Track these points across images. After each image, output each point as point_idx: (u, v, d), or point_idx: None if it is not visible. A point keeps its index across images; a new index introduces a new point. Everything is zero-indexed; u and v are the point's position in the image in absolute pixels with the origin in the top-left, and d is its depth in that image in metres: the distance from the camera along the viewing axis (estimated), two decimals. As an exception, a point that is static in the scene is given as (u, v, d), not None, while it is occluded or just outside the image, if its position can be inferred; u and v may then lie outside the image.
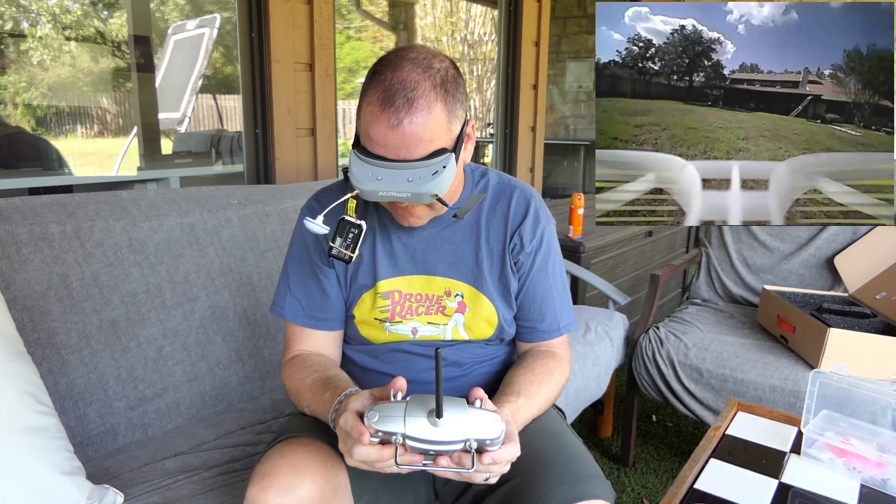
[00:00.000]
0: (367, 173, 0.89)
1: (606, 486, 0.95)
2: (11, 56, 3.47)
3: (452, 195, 1.05)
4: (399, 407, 0.78)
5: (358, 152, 0.90)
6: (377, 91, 0.88)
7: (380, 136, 0.87)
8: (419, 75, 0.88)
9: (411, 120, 0.86)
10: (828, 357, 1.67)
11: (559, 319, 1.13)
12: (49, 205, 1.36)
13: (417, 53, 0.91)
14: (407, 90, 0.86)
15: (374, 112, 0.87)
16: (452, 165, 0.90)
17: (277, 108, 2.11)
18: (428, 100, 0.87)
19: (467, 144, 0.99)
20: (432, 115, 0.87)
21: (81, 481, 1.03)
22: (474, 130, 0.99)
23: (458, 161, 0.94)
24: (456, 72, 0.93)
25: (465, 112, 0.95)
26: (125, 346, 1.37)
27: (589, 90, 6.54)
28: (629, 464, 2.10)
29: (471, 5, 7.85)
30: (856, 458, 1.14)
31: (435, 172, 0.88)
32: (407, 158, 0.88)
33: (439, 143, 0.89)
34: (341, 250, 0.99)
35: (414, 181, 0.88)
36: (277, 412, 1.49)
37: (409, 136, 0.87)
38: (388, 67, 0.89)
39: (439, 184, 0.89)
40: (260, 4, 2.03)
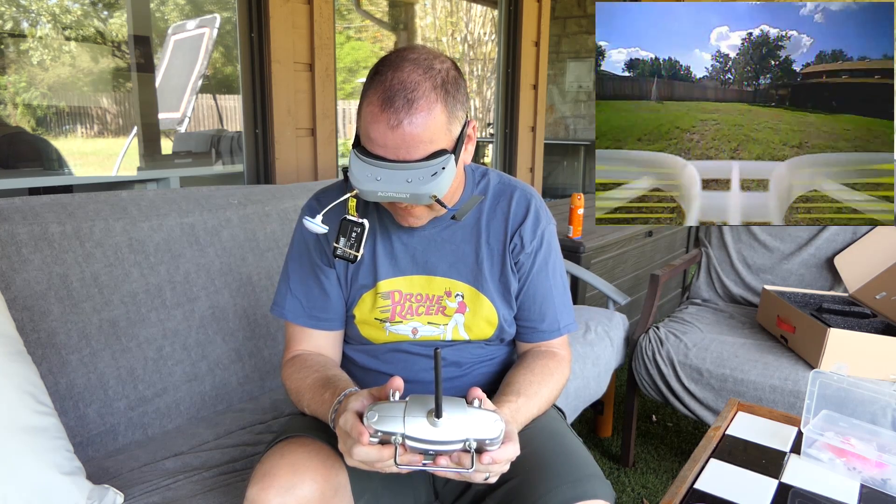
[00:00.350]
0: (367, 173, 0.89)
1: (606, 485, 0.95)
2: (11, 56, 3.47)
3: (453, 196, 1.05)
4: (398, 407, 0.78)
5: (358, 152, 0.91)
6: (377, 91, 0.88)
7: (379, 137, 0.88)
8: (420, 76, 0.88)
9: (411, 121, 0.86)
10: (828, 357, 1.67)
11: (559, 320, 1.13)
12: (49, 205, 1.36)
13: (419, 54, 0.91)
14: (407, 91, 0.86)
15: (374, 112, 0.87)
16: (452, 167, 0.90)
17: (277, 108, 2.11)
18: (428, 101, 0.87)
19: (468, 145, 0.99)
20: (432, 116, 0.87)
21: (81, 481, 1.03)
22: (475, 131, 0.99)
23: (458, 162, 0.94)
24: (457, 73, 0.93)
25: (466, 113, 0.95)
26: (125, 346, 1.37)
27: (589, 90, 6.54)
28: (629, 464, 2.10)
29: (471, 5, 7.85)
30: (856, 458, 1.14)
31: (434, 174, 0.88)
32: (406, 159, 0.88)
33: (439, 144, 0.89)
34: (346, 250, 0.99)
35: (413, 182, 0.88)
36: (277, 412, 1.49)
37: (409, 137, 0.87)
38: (388, 68, 0.89)
39: (438, 185, 0.89)
40: (260, 4, 2.03)
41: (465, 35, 8.10)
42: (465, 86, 0.95)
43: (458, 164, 0.95)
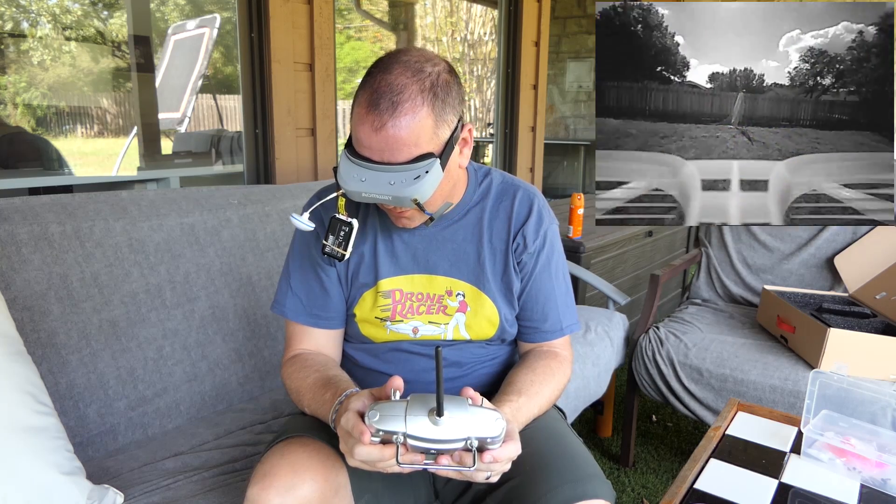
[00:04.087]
0: (353, 174, 0.90)
1: (606, 485, 0.95)
2: (11, 56, 3.47)
3: (452, 196, 1.05)
4: (400, 406, 0.78)
5: (348, 152, 0.92)
6: (366, 93, 0.89)
7: (365, 138, 0.88)
8: (408, 79, 0.88)
9: (395, 123, 0.86)
10: (828, 357, 1.67)
11: (562, 320, 1.13)
12: (49, 205, 1.36)
13: (410, 56, 0.91)
14: (393, 93, 0.87)
15: (361, 114, 0.88)
16: (437, 171, 0.90)
17: (277, 108, 2.11)
18: (413, 104, 0.87)
19: (463, 149, 0.99)
20: (417, 120, 0.87)
21: (81, 481, 1.03)
22: (471, 134, 0.99)
23: (447, 166, 0.93)
24: (450, 76, 0.93)
25: (460, 116, 0.94)
26: (125, 346, 1.37)
27: (589, 90, 6.54)
28: (629, 464, 2.10)
29: (471, 5, 7.85)
30: (856, 458, 1.14)
31: (417, 177, 0.88)
32: (390, 161, 0.88)
33: (424, 147, 0.89)
34: (334, 248, 1.00)
35: (396, 184, 0.88)
36: (277, 412, 1.49)
37: (392, 140, 0.87)
38: (379, 69, 0.90)
39: (421, 188, 0.89)
40: (260, 4, 2.03)
41: (465, 35, 8.10)
42: (459, 89, 0.94)
43: (448, 169, 0.94)
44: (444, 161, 0.92)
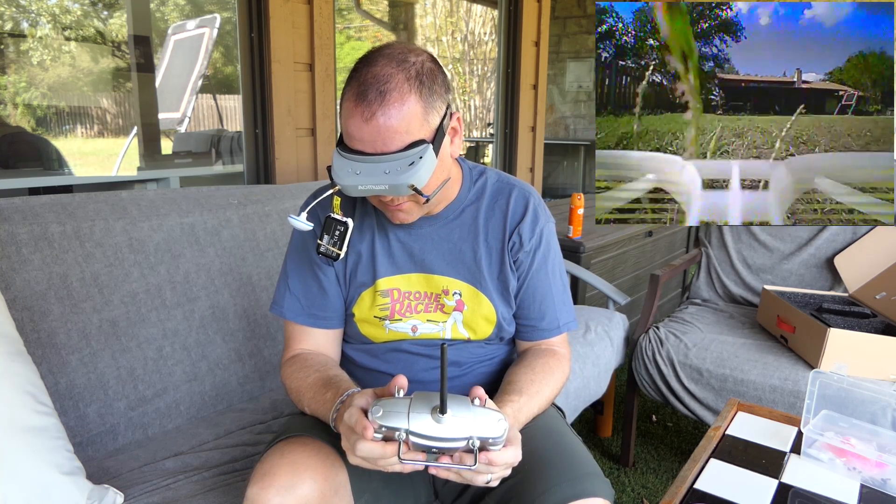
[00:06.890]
0: (347, 169, 0.90)
1: (606, 484, 0.95)
2: (11, 56, 3.48)
3: (448, 192, 1.05)
4: (403, 403, 0.78)
5: (340, 149, 0.92)
6: (353, 87, 0.89)
7: (356, 131, 0.89)
8: (393, 69, 0.89)
9: (384, 112, 0.87)
10: (828, 357, 1.67)
11: (559, 318, 1.13)
12: (49, 205, 1.36)
13: (393, 49, 0.92)
14: (380, 83, 0.87)
15: (350, 108, 0.89)
16: (431, 156, 0.90)
17: (277, 108, 2.11)
18: (401, 92, 0.88)
19: (454, 138, 0.99)
20: (406, 107, 0.88)
21: (81, 481, 1.03)
22: (461, 123, 0.99)
23: (440, 153, 0.93)
24: (433, 65, 0.94)
25: (448, 105, 0.95)
26: (125, 346, 1.37)
27: (589, 90, 6.54)
28: (629, 464, 2.10)
29: (471, 5, 7.86)
30: (856, 458, 1.14)
31: (411, 163, 0.89)
32: (383, 151, 0.89)
33: (416, 134, 0.89)
34: (329, 247, 1.00)
35: (391, 173, 0.89)
36: (277, 412, 1.49)
37: (384, 129, 0.87)
38: (363, 64, 0.91)
39: (416, 174, 0.89)
40: (260, 4, 2.03)
41: (465, 35, 8.10)
42: (444, 77, 0.95)
43: (441, 155, 0.94)
44: (437, 147, 0.92)
